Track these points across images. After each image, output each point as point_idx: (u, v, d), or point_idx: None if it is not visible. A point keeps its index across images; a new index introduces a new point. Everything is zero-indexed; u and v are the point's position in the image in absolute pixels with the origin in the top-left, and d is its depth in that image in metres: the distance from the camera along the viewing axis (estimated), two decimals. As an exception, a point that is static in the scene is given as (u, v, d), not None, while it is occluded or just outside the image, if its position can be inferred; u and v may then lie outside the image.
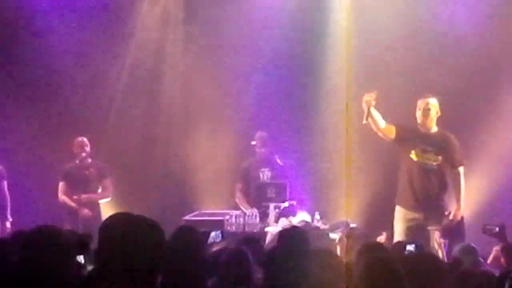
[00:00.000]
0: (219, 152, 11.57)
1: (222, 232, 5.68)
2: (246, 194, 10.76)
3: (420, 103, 8.74)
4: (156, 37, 12.12)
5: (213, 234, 5.40)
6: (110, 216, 3.03)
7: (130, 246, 2.85)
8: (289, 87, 11.86)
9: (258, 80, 11.87)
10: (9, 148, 11.35)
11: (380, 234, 9.32)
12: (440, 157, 8.55)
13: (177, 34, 12.17)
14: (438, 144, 8.58)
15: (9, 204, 10.60)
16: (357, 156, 11.26)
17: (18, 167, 11.24)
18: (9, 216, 10.55)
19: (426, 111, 8.62)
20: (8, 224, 10.51)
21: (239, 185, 10.94)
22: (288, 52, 11.77)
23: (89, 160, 10.72)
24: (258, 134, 11.01)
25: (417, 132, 8.67)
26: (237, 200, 10.84)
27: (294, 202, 10.44)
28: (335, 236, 9.58)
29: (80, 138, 10.72)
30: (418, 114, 8.70)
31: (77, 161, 10.65)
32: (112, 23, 11.95)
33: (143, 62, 12.05)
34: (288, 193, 10.32)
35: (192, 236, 4.06)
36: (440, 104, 8.81)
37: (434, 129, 8.72)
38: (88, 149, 10.68)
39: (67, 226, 9.64)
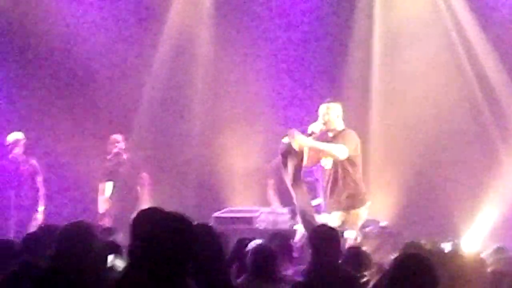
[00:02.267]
0: (250, 149, 11.59)
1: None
2: (278, 191, 10.76)
3: (320, 109, 8.71)
4: (187, 34, 12.15)
5: (252, 243, 5.44)
6: (142, 211, 3.06)
7: (160, 240, 2.88)
8: (319, 84, 11.84)
9: (289, 78, 11.87)
10: (46, 144, 11.48)
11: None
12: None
13: (209, 31, 12.20)
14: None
15: (42, 198, 10.68)
16: (388, 155, 11.26)
17: (54, 163, 11.37)
18: (40, 211, 10.64)
19: (326, 115, 8.60)
20: (39, 216, 10.59)
21: (270, 182, 10.95)
22: (318, 51, 11.78)
23: (124, 157, 10.78)
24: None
25: (325, 138, 8.68)
26: (268, 197, 10.85)
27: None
28: (349, 234, 9.51)
29: (114, 136, 10.79)
30: (320, 119, 8.66)
31: (109, 157, 10.71)
32: (144, 21, 12.01)
33: (175, 59, 12.09)
34: (318, 190, 10.29)
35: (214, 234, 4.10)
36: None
37: (337, 131, 8.67)
38: (122, 145, 10.76)
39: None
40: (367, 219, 10.23)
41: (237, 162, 11.68)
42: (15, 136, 10.62)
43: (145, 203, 10.21)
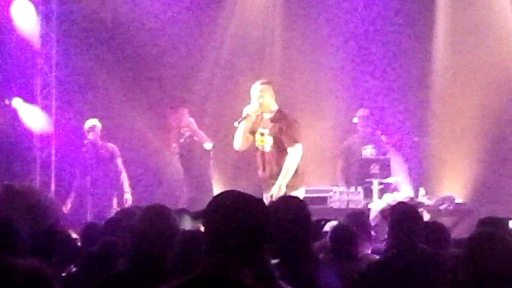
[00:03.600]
0: (322, 130, 11.56)
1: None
2: (346, 172, 10.74)
3: (253, 91, 8.48)
4: (257, 16, 12.17)
5: (329, 223, 5.43)
6: (220, 193, 3.08)
7: (238, 220, 2.91)
8: (390, 64, 11.76)
9: (360, 57, 11.81)
10: (123, 131, 11.67)
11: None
12: (271, 138, 8.35)
13: (279, 16, 12.20)
14: (272, 127, 8.36)
15: (126, 179, 10.82)
16: (463, 132, 11.12)
17: (126, 149, 11.55)
18: (127, 190, 10.76)
19: (260, 97, 8.32)
20: (128, 196, 10.73)
21: (340, 163, 10.93)
22: (388, 31, 11.70)
23: (195, 138, 10.85)
24: (360, 111, 10.96)
25: (259, 118, 8.44)
26: (338, 178, 10.85)
27: (398, 178, 10.37)
28: (378, 206, 9.41)
29: (186, 120, 10.88)
30: (254, 101, 8.44)
31: (181, 140, 10.80)
32: (213, 9, 12.10)
33: (244, 38, 12.12)
34: (391, 169, 10.24)
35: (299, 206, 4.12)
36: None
37: (272, 112, 8.39)
38: (193, 127, 10.82)
39: None
40: (443, 196, 10.17)
41: (310, 142, 11.66)
42: (91, 122, 10.79)
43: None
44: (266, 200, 7.91)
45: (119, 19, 11.84)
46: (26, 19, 11.19)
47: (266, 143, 8.32)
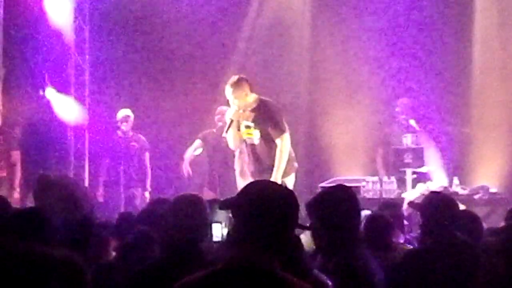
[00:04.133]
0: (354, 120, 11.53)
1: (371, 211, 5.67)
2: (386, 160, 10.70)
3: (227, 93, 8.36)
4: (287, 6, 12.16)
5: (362, 213, 5.41)
6: (249, 184, 3.10)
7: (265, 210, 2.92)
8: (425, 53, 11.69)
9: (399, 47, 11.74)
10: (153, 122, 11.72)
11: None
12: (258, 131, 8.27)
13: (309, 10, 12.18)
14: (256, 119, 8.26)
15: (149, 175, 10.92)
16: (498, 121, 11.03)
17: (161, 140, 11.60)
18: (148, 187, 10.88)
19: (235, 99, 8.13)
20: (147, 194, 10.84)
21: (380, 151, 10.90)
22: (424, 19, 11.62)
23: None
24: (400, 100, 10.92)
25: (244, 115, 8.26)
26: (377, 166, 10.83)
27: (432, 167, 10.31)
28: (411, 196, 9.34)
29: (220, 108, 10.86)
30: (231, 104, 8.27)
31: (214, 130, 10.80)
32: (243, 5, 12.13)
33: (274, 28, 12.11)
34: (425, 159, 10.19)
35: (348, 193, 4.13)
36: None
37: (253, 104, 8.27)
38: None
39: None
40: (477, 186, 10.10)
41: (342, 132, 11.64)
42: (124, 112, 10.86)
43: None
44: None
45: (150, 10, 11.87)
46: (59, 11, 11.26)
47: (254, 136, 8.29)
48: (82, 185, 6.51)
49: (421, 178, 10.10)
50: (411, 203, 6.70)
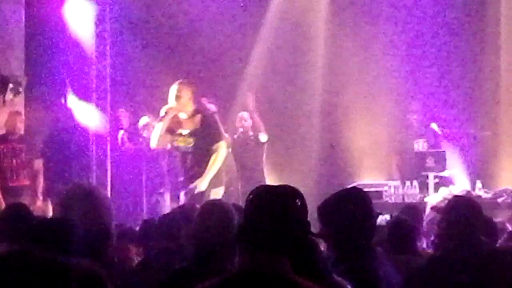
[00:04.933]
0: (376, 125, 11.50)
1: (391, 216, 5.64)
2: (400, 167, 10.68)
3: (172, 90, 8.36)
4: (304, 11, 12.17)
5: (381, 217, 5.38)
6: (255, 189, 3.10)
7: (272, 215, 2.92)
8: (451, 55, 11.65)
9: (419, 50, 11.71)
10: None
11: None
12: (193, 139, 8.21)
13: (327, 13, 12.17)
14: (192, 127, 8.23)
15: (168, 182, 10.90)
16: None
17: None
18: (166, 194, 10.84)
19: (178, 97, 8.22)
20: (168, 201, 10.82)
21: (396, 157, 10.88)
22: (443, 22, 11.58)
23: (251, 133, 10.85)
24: (414, 104, 10.88)
25: (176, 119, 8.32)
26: (393, 172, 10.82)
27: (454, 171, 10.26)
28: (434, 200, 9.28)
29: (240, 114, 10.88)
30: (171, 100, 8.30)
31: (235, 136, 10.81)
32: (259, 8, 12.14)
33: (290, 33, 12.11)
34: (447, 162, 10.14)
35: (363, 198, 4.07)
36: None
37: (191, 112, 8.29)
38: (247, 123, 10.83)
39: None
40: (500, 189, 10.04)
41: (364, 137, 11.62)
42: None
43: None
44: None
45: (172, 18, 11.92)
46: (80, 19, 11.32)
47: (188, 143, 8.27)
48: (105, 195, 6.52)
49: (443, 182, 10.07)
50: (434, 207, 6.67)
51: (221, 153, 8.27)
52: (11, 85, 10.20)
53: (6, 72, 10.18)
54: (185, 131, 8.27)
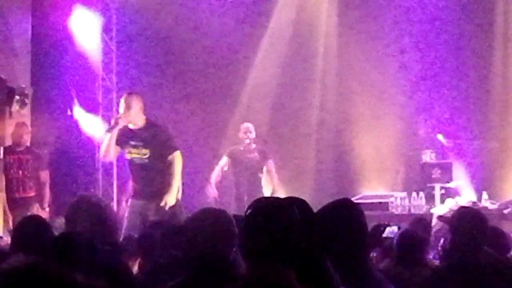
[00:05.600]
0: (382, 136, 11.49)
1: (399, 228, 5.63)
2: (407, 177, 10.68)
3: (122, 101, 8.31)
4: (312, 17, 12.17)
5: (388, 229, 5.36)
6: (256, 200, 3.12)
7: (271, 226, 2.95)
8: (452, 68, 11.64)
9: (420, 62, 11.71)
10: (182, 140, 11.74)
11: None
12: (148, 150, 8.15)
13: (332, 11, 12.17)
14: (146, 138, 8.15)
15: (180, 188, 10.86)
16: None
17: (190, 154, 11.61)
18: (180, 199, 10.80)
19: (128, 108, 8.14)
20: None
21: (402, 168, 10.88)
22: (450, 33, 11.59)
23: (253, 146, 10.81)
24: (421, 115, 10.89)
25: (127, 131, 8.21)
26: (397, 184, 10.82)
27: (460, 182, 10.25)
28: (440, 211, 9.26)
29: (245, 124, 10.85)
30: (121, 111, 8.23)
31: (241, 147, 10.76)
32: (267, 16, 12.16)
33: (300, 41, 12.11)
34: (453, 173, 10.13)
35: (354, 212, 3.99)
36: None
37: (142, 123, 8.22)
38: (252, 135, 10.79)
39: None
40: (506, 200, 10.01)
41: (370, 148, 11.61)
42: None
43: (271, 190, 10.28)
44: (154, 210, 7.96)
45: (178, 28, 11.94)
46: (86, 32, 11.35)
47: (142, 155, 8.18)
48: (111, 207, 6.52)
49: (449, 193, 10.05)
50: (440, 217, 6.65)
51: (178, 163, 8.22)
52: (17, 97, 10.20)
53: (12, 83, 10.18)
54: (138, 143, 8.19)
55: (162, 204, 8.03)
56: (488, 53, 11.56)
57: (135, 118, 8.19)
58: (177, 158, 8.23)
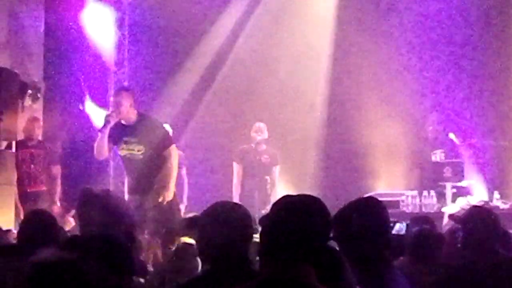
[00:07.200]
0: (393, 133, 11.48)
1: (407, 225, 5.62)
2: (418, 175, 10.66)
3: (113, 98, 8.31)
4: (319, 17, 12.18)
5: (398, 225, 5.34)
6: (283, 197, 3.13)
7: (290, 224, 2.96)
8: (464, 66, 11.62)
9: (432, 59, 11.70)
10: (192, 136, 11.77)
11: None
12: (142, 146, 8.11)
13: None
14: (139, 134, 8.11)
15: (186, 189, 10.90)
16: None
17: (201, 153, 11.64)
18: (185, 200, 10.86)
19: (119, 104, 8.06)
20: (182, 208, 10.82)
21: (413, 166, 10.87)
22: (461, 30, 11.56)
23: (264, 147, 10.79)
24: (431, 115, 10.87)
25: (119, 127, 8.15)
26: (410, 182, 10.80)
27: (472, 181, 10.22)
28: (451, 210, 9.22)
29: (257, 124, 10.83)
30: (112, 107, 8.22)
31: (252, 145, 10.74)
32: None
33: (306, 41, 12.10)
34: (465, 172, 10.11)
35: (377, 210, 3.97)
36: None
37: (134, 118, 8.14)
38: (263, 136, 10.75)
39: None
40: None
41: (382, 146, 11.60)
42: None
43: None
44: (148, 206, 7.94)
45: (190, 24, 11.95)
46: (98, 25, 11.37)
47: (137, 151, 8.15)
48: (123, 199, 6.53)
49: (461, 192, 10.02)
50: (451, 216, 6.63)
51: (175, 157, 8.22)
52: (29, 91, 10.23)
53: (25, 78, 10.21)
54: (132, 139, 8.17)
55: (160, 200, 8.04)
56: (501, 52, 11.53)
57: (127, 115, 8.15)
58: (173, 152, 8.23)
